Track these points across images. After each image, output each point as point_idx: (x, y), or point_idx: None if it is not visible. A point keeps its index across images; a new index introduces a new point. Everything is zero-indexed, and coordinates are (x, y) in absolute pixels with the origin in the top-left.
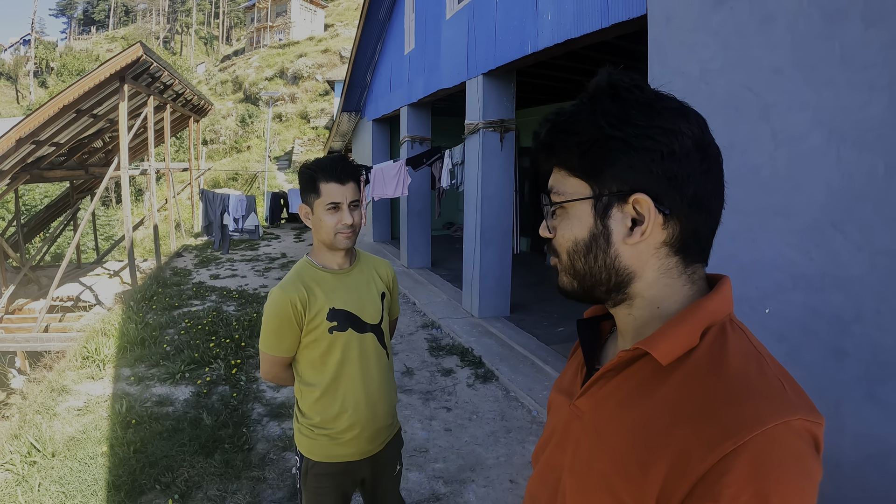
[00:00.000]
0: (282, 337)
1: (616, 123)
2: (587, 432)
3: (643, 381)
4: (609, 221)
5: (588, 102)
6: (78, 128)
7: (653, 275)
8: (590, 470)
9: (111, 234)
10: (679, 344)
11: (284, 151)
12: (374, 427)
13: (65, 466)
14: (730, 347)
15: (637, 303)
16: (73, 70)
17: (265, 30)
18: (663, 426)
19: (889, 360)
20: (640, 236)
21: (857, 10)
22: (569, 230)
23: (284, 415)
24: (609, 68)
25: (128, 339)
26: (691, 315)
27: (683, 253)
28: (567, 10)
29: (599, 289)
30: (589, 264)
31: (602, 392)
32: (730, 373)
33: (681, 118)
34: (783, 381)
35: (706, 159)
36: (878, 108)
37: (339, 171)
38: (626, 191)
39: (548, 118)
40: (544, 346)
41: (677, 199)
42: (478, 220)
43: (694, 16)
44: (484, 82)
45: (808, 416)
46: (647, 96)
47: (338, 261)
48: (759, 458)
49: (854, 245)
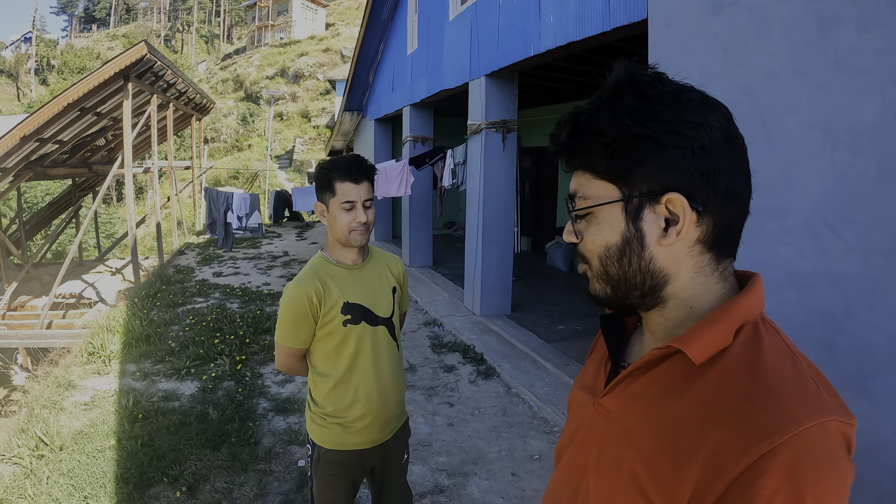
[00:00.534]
0: (298, 329)
1: (643, 121)
2: (614, 431)
3: (675, 380)
4: (642, 223)
5: (609, 100)
6: (81, 125)
7: (687, 274)
8: (618, 469)
9: (112, 232)
10: (713, 343)
11: (285, 150)
12: (385, 416)
13: (73, 460)
14: (764, 347)
15: (671, 304)
16: (73, 68)
17: (266, 28)
18: (697, 426)
19: (880, 356)
20: (676, 237)
21: (852, 18)
22: (599, 235)
23: (289, 409)
24: (625, 61)
25: (133, 336)
26: (725, 314)
27: (717, 249)
28: (569, 14)
29: (634, 293)
30: (623, 269)
31: (630, 390)
32: (765, 373)
33: (707, 110)
34: (817, 382)
35: (735, 151)
36: (870, 113)
37: (355, 170)
38: (658, 190)
39: (566, 119)
40: (545, 344)
41: (711, 195)
42: (480, 219)
43: (693, 21)
44: (486, 83)
45: (843, 417)
46: (670, 89)
47: (352, 257)
48: (795, 459)
49: (847, 245)
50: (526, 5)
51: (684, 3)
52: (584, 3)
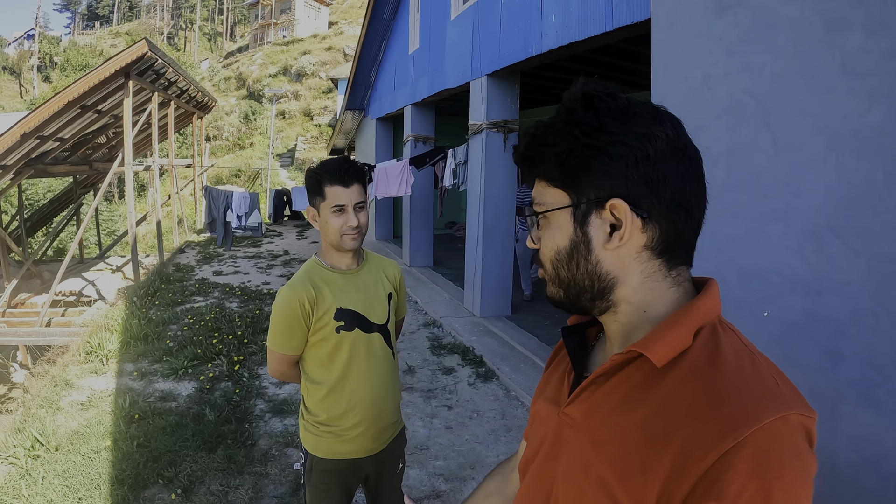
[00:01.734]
0: (290, 335)
1: (590, 132)
2: (581, 439)
3: (638, 383)
4: (588, 228)
5: (564, 114)
6: (82, 123)
7: (636, 279)
8: (586, 476)
9: (113, 230)
10: (674, 345)
11: (287, 149)
12: (379, 425)
13: (68, 460)
14: (723, 347)
15: (622, 308)
16: (76, 65)
17: (269, 27)
18: (661, 428)
19: (885, 364)
20: (620, 241)
21: (859, 20)
22: (551, 240)
23: (286, 411)
24: (584, 79)
25: (131, 335)
26: (684, 316)
27: (666, 255)
28: (572, 14)
29: (584, 296)
30: (571, 272)
31: (594, 398)
32: (725, 371)
33: (654, 122)
34: (776, 378)
35: (683, 161)
36: (877, 116)
37: (344, 173)
38: (603, 197)
39: (528, 131)
40: (545, 346)
41: (654, 202)
42: (480, 219)
43: (697, 22)
44: (488, 83)
45: (803, 410)
46: (619, 104)
47: (346, 261)
48: (760, 452)
49: (852, 250)
50: (528, 5)
51: (688, 3)
52: (587, 2)
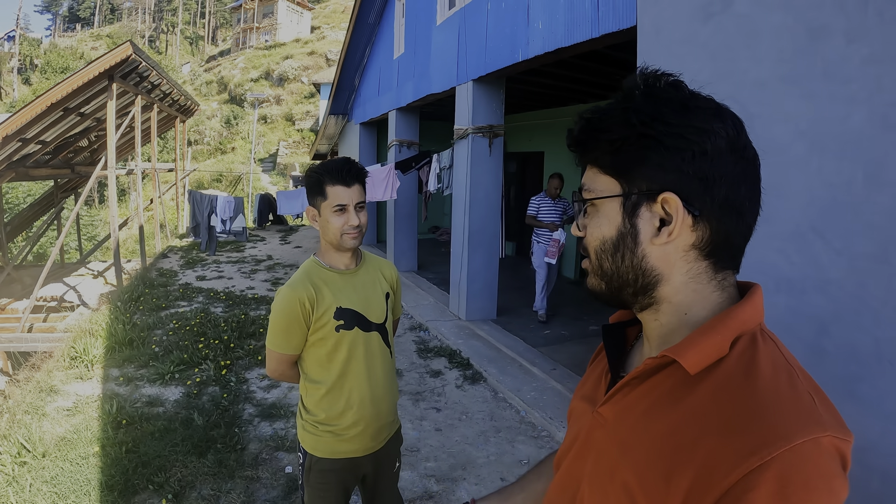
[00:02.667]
0: (290, 335)
1: (648, 121)
2: (610, 441)
3: (670, 390)
4: (637, 220)
5: (621, 100)
6: (64, 126)
7: (681, 279)
8: (611, 480)
9: (94, 235)
10: (708, 353)
11: (269, 153)
12: (378, 424)
13: (56, 467)
14: (760, 359)
15: (664, 308)
16: (57, 67)
17: (251, 31)
18: (689, 438)
19: (867, 359)
20: (668, 237)
21: (840, 27)
22: (597, 228)
23: (275, 415)
24: (645, 66)
25: (116, 340)
26: (721, 323)
27: (714, 258)
28: (558, 20)
29: (626, 290)
30: (616, 264)
31: (627, 400)
32: (759, 385)
33: (715, 118)
34: (814, 396)
35: (740, 161)
36: (857, 121)
37: (345, 173)
38: (656, 189)
39: (582, 115)
40: (531, 349)
41: (707, 201)
42: (466, 223)
43: (683, 29)
44: (474, 88)
45: (838, 433)
46: (681, 95)
47: (344, 261)
48: (785, 475)
49: (834, 250)
50: (515, 11)
51: (674, 11)
52: (574, 9)
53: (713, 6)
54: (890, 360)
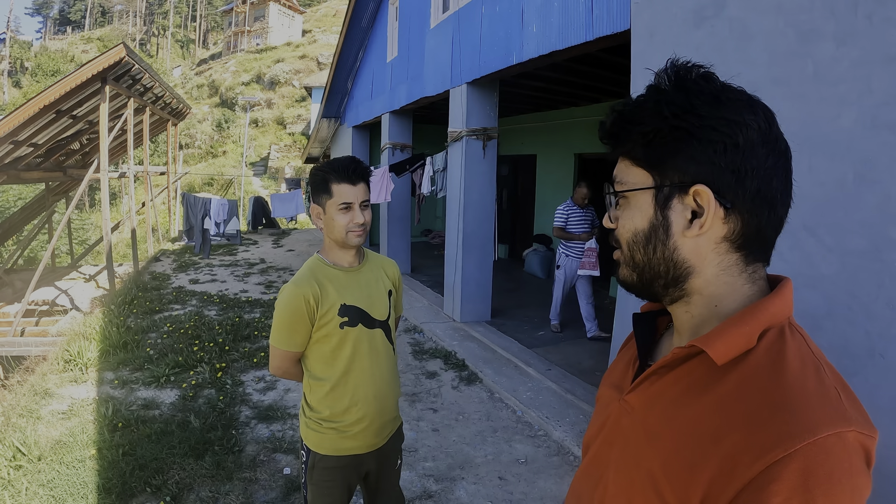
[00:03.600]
0: (294, 332)
1: (680, 114)
2: (636, 429)
3: (697, 380)
4: (669, 213)
5: (653, 92)
6: (57, 129)
7: (712, 271)
8: (637, 467)
9: (85, 238)
10: (736, 344)
11: (260, 157)
12: (382, 420)
13: (52, 470)
14: (788, 352)
15: (695, 300)
16: (47, 70)
17: (242, 34)
18: (714, 428)
19: (859, 354)
20: (700, 229)
21: (830, 30)
22: (629, 220)
23: (272, 417)
24: (676, 58)
25: (110, 343)
26: (750, 316)
27: (745, 250)
28: (552, 24)
29: (658, 282)
30: (648, 256)
31: (654, 388)
32: (786, 378)
33: (747, 110)
34: (840, 391)
35: (772, 154)
36: (847, 121)
37: (351, 172)
38: (688, 182)
39: (615, 107)
40: (526, 350)
41: (740, 193)
42: (460, 226)
43: (676, 32)
44: (468, 91)
45: (863, 428)
46: (713, 87)
47: (348, 259)
48: (809, 468)
49: (825, 247)
50: (509, 14)
51: (667, 15)
52: (568, 12)
53: (706, 10)
54: (882, 354)
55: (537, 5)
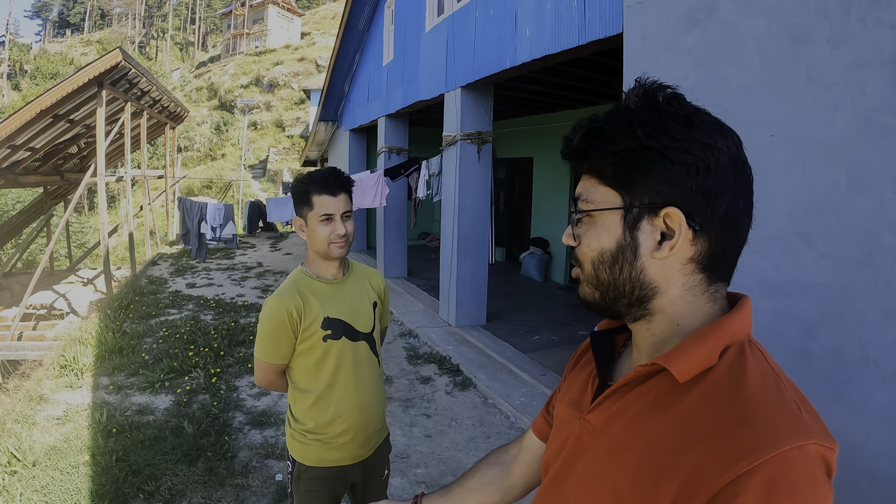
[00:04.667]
0: (278, 344)
1: (654, 134)
2: (598, 447)
3: (659, 397)
4: (638, 234)
5: (625, 111)
6: (54, 132)
7: (677, 291)
8: (599, 484)
9: (83, 242)
10: (697, 362)
11: (259, 160)
12: (366, 432)
13: (46, 476)
14: (748, 368)
15: (657, 318)
16: (46, 73)
17: (241, 37)
18: (677, 443)
19: (852, 361)
20: (669, 251)
21: (823, 33)
22: (595, 240)
23: (266, 423)
24: (646, 77)
25: (105, 348)
26: (711, 333)
27: (709, 271)
28: (545, 27)
29: (621, 302)
30: (613, 276)
31: (616, 407)
32: (747, 393)
33: (718, 134)
34: (800, 405)
35: (740, 177)
36: (840, 126)
37: (331, 183)
38: (659, 203)
39: (582, 123)
40: (521, 354)
41: (709, 216)
42: (455, 230)
43: (668, 36)
44: (462, 95)
45: (823, 441)
46: (685, 109)
47: (332, 271)
48: (772, 480)
49: (818, 253)
50: (502, 18)
51: (659, 18)
52: (561, 16)
53: (698, 13)
54: (875, 361)
55: (530, 9)
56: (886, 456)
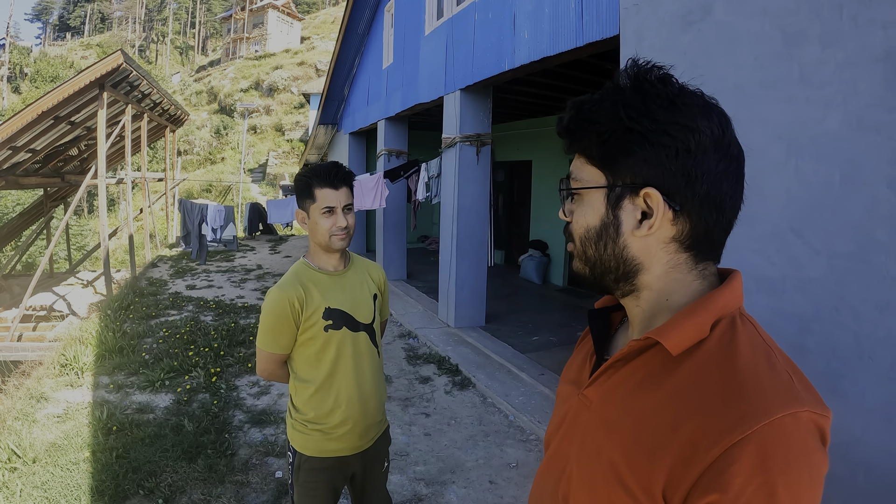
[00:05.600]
0: (279, 334)
1: (635, 116)
2: (596, 422)
3: (653, 371)
4: (620, 212)
5: (612, 93)
6: (55, 134)
7: (661, 268)
8: (598, 459)
9: (83, 244)
10: (689, 335)
11: (259, 163)
12: (366, 423)
13: (46, 472)
14: (739, 340)
15: (644, 294)
16: (47, 76)
17: (241, 41)
18: (672, 416)
19: (848, 356)
20: (648, 230)
21: (815, 33)
22: (582, 217)
23: (265, 421)
24: (637, 58)
25: (106, 348)
26: (702, 307)
27: (694, 250)
28: (543, 30)
29: (609, 276)
30: (599, 252)
31: (611, 382)
32: (739, 364)
33: (702, 116)
34: (791, 374)
35: (724, 159)
36: (833, 123)
37: (333, 176)
38: (639, 183)
39: (573, 104)
40: (519, 355)
41: (689, 197)
42: (454, 231)
43: (664, 37)
44: (461, 97)
45: (816, 408)
46: (670, 91)
47: (333, 263)
48: (766, 448)
49: (812, 249)
50: (501, 21)
51: (655, 20)
52: (558, 19)
53: (693, 14)
54: (870, 355)
55: (528, 12)
56: (883, 450)
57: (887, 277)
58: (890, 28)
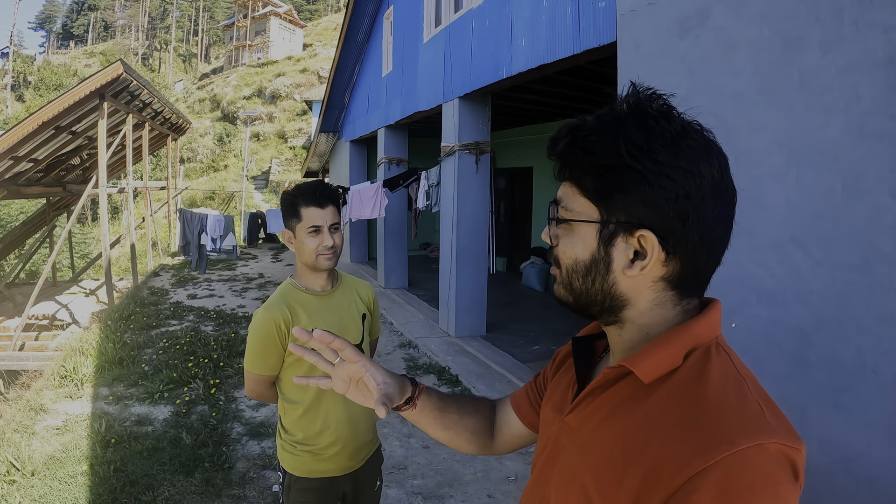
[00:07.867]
0: (266, 356)
1: (637, 154)
2: (572, 447)
3: (626, 398)
4: (612, 249)
5: (612, 124)
6: (56, 144)
7: (646, 305)
8: (571, 482)
9: (86, 253)
10: (661, 364)
11: (262, 171)
12: (356, 443)
13: (45, 485)
14: (712, 369)
15: (628, 327)
16: (50, 84)
17: (244, 48)
18: (640, 442)
19: (850, 369)
20: (640, 270)
21: (815, 38)
22: (570, 248)
23: (264, 434)
24: (638, 86)
25: (106, 359)
26: (675, 336)
27: (680, 289)
28: (541, 37)
29: (593, 307)
30: (586, 286)
31: (589, 409)
32: (708, 394)
33: (703, 159)
34: (763, 405)
35: (720, 204)
36: (834, 131)
37: (319, 195)
38: (634, 223)
39: (568, 129)
40: (520, 365)
41: (683, 240)
42: (454, 240)
43: (661, 43)
44: (460, 105)
45: (785, 440)
46: (673, 129)
47: (320, 283)
48: (728, 478)
49: (814, 260)
50: (498, 29)
51: (652, 26)
52: (555, 26)
53: (690, 20)
54: (873, 368)
55: (525, 19)
56: (887, 465)
57: (891, 289)
58: (892, 32)
